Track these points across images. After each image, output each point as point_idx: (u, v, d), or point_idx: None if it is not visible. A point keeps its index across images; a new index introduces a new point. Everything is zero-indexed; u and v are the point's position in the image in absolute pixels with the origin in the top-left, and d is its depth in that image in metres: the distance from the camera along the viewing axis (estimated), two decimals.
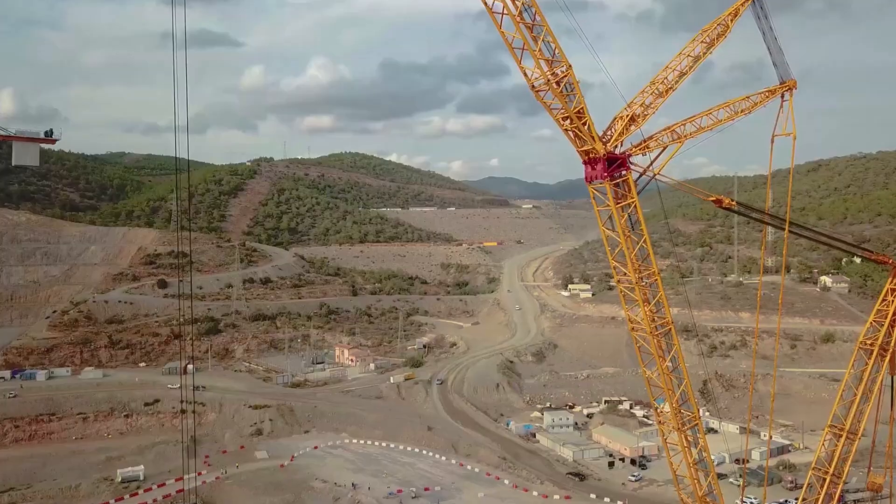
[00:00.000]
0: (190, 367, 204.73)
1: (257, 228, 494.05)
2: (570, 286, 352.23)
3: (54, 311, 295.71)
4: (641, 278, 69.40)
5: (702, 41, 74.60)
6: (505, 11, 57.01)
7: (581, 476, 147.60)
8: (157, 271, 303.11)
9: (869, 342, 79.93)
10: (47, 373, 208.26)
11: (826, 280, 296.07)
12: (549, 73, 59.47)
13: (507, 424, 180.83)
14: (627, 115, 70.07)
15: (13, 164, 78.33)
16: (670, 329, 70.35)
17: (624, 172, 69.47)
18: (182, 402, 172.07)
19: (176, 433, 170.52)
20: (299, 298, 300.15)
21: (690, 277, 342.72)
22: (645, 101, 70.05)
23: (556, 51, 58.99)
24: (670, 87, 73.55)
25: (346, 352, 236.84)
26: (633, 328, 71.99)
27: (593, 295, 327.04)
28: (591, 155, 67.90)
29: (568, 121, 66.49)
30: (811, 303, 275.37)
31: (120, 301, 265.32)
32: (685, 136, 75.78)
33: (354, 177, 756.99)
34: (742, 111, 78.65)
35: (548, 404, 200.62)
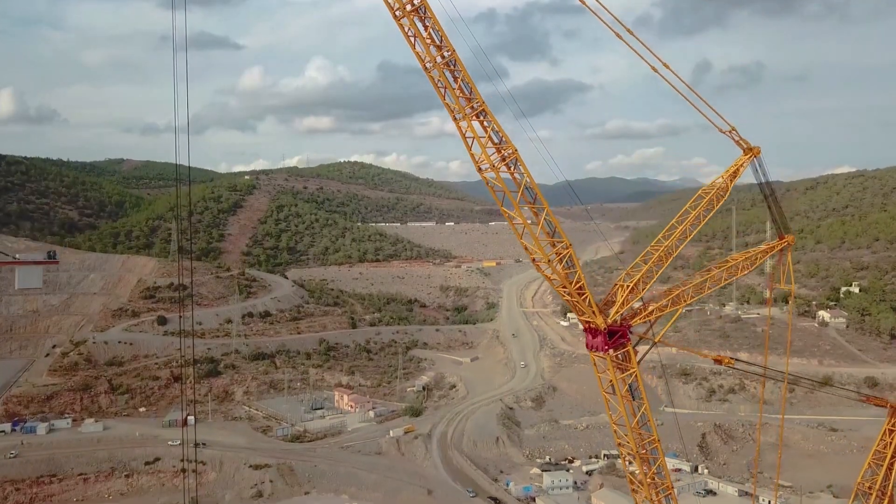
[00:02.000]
0: (191, 418, 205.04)
1: (256, 249, 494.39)
2: (568, 314, 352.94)
3: (54, 347, 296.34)
4: (643, 445, 69.37)
5: (703, 207, 74.83)
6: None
7: None
8: (156, 306, 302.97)
9: (867, 485, 79.89)
10: (48, 425, 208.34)
11: (824, 315, 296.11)
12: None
13: (507, 484, 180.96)
14: (628, 286, 70.41)
15: (16, 288, 78.68)
16: (670, 493, 70.54)
17: (625, 342, 69.76)
18: (183, 460, 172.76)
19: (177, 494, 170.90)
20: (298, 333, 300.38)
21: (689, 306, 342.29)
22: (644, 277, 70.49)
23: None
24: (670, 253, 73.88)
25: (345, 397, 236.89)
26: (634, 490, 71.99)
27: None
28: (591, 324, 68.16)
29: (568, 294, 66.79)
30: (809, 340, 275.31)
31: (120, 342, 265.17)
32: (686, 300, 76.13)
33: (353, 188, 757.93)
34: (742, 271, 79.03)
35: (547, 458, 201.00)
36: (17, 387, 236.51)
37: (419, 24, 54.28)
